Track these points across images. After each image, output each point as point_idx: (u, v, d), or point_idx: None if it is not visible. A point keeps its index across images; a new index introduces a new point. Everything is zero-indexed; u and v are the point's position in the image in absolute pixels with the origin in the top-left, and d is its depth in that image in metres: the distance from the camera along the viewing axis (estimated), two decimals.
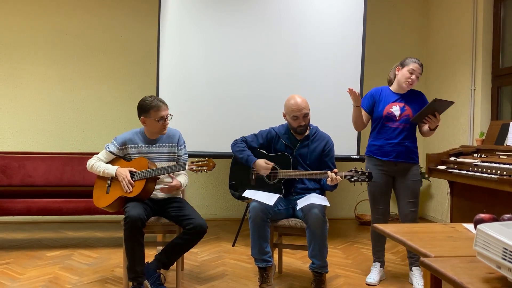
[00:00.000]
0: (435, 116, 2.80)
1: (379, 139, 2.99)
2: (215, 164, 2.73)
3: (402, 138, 2.93)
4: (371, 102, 3.03)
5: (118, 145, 2.85)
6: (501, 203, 3.05)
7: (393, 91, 3.01)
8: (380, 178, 2.99)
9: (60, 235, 4.19)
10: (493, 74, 4.17)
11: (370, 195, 3.07)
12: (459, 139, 4.47)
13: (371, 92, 3.06)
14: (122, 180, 2.71)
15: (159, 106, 2.78)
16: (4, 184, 3.81)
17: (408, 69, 2.91)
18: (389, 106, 2.94)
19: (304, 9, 4.01)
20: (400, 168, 2.96)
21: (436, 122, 2.83)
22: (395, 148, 2.93)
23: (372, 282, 2.97)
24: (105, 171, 2.78)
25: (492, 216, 1.50)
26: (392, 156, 2.94)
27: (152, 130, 2.83)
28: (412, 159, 2.97)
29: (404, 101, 2.95)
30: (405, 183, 2.96)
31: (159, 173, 2.73)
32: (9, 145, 4.64)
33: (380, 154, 2.98)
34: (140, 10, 4.84)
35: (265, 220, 2.68)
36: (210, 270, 3.25)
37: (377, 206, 3.04)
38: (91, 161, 2.85)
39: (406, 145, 2.93)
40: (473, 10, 4.28)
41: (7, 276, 3.01)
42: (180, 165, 2.75)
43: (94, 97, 4.79)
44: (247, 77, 4.02)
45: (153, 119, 2.78)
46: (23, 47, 4.66)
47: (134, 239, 2.56)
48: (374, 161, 3.02)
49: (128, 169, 2.75)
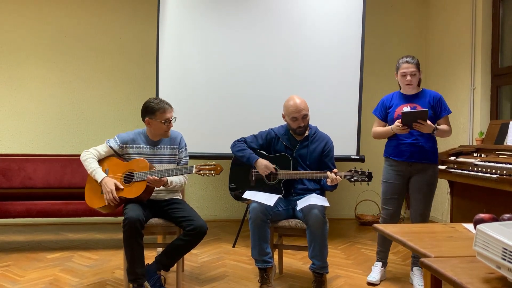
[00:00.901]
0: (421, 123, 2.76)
1: (393, 140, 2.99)
2: (222, 168, 2.73)
3: (415, 138, 2.90)
4: (384, 110, 3.04)
5: (120, 142, 2.84)
6: (501, 202, 3.05)
7: (403, 94, 3.01)
8: (393, 178, 2.97)
9: (60, 237, 4.19)
10: (493, 73, 4.17)
11: (382, 194, 3.07)
12: (458, 139, 4.47)
13: (382, 100, 3.08)
14: (106, 193, 2.65)
15: (165, 108, 2.77)
16: (4, 187, 3.80)
17: (400, 73, 2.93)
18: (400, 108, 2.93)
19: (303, 9, 4.01)
20: (415, 168, 2.92)
21: (426, 128, 2.77)
22: (409, 148, 2.90)
23: (373, 280, 2.97)
24: (93, 173, 2.73)
25: (492, 216, 1.50)
26: (406, 156, 2.91)
27: (156, 132, 2.82)
28: (428, 159, 2.91)
29: (414, 101, 2.94)
30: (419, 184, 2.92)
31: (164, 175, 2.71)
32: (9, 147, 4.64)
33: (395, 155, 2.97)
34: (139, 12, 4.84)
35: (265, 221, 2.68)
36: (210, 271, 3.25)
37: (386, 207, 3.03)
38: (87, 154, 2.80)
39: (421, 145, 2.89)
40: (472, 10, 4.28)
41: (8, 279, 3.01)
42: (187, 168, 2.73)
43: (94, 98, 4.79)
44: (246, 77, 4.02)
45: (158, 121, 2.77)
46: (23, 49, 4.66)
47: (133, 241, 2.55)
48: (389, 161, 3.02)
49: (114, 182, 2.68)
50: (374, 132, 3.09)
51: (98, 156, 2.83)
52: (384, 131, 3.00)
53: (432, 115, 2.87)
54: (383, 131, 3.01)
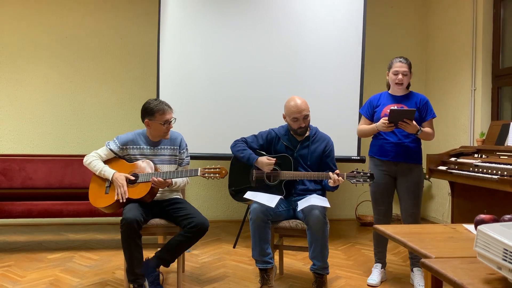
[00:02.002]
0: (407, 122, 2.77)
1: (379, 140, 3.01)
2: (227, 172, 2.75)
3: (401, 138, 2.93)
4: (371, 109, 3.06)
5: (119, 144, 2.84)
6: (501, 203, 3.05)
7: (391, 94, 3.03)
8: (381, 178, 2.99)
9: (61, 237, 4.19)
10: (493, 74, 4.16)
11: (372, 195, 3.08)
12: (459, 140, 4.47)
13: (370, 99, 3.09)
14: (118, 187, 2.68)
15: (164, 109, 2.77)
16: (5, 187, 3.81)
17: (392, 71, 2.94)
18: (387, 108, 2.94)
19: (304, 10, 4.01)
20: (401, 168, 2.96)
21: (410, 128, 2.78)
22: (394, 148, 2.93)
23: (373, 283, 2.97)
24: (102, 173, 2.75)
25: (493, 217, 1.50)
26: (391, 156, 2.94)
27: (156, 133, 2.82)
28: (413, 159, 2.95)
29: (402, 102, 2.96)
30: (407, 184, 2.95)
31: (169, 177, 2.72)
32: (9, 147, 4.64)
33: (380, 154, 3.00)
34: (140, 12, 4.84)
35: (265, 221, 2.68)
36: (211, 271, 3.25)
37: (378, 207, 3.05)
38: (89, 158, 2.82)
39: (406, 145, 2.92)
40: (472, 11, 4.28)
41: (8, 279, 3.01)
42: (192, 170, 2.74)
43: (95, 99, 4.80)
44: (247, 78, 4.02)
45: (157, 122, 2.77)
46: (24, 49, 4.66)
47: (131, 241, 2.55)
48: (374, 161, 3.04)
49: (125, 176, 2.72)
50: (359, 129, 3.12)
51: (100, 158, 2.84)
52: (369, 128, 3.01)
53: (417, 117, 2.89)
54: (368, 129, 3.02)
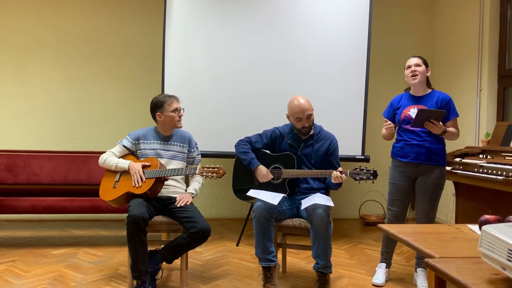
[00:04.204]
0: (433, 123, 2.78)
1: (400, 141, 3.01)
2: (225, 172, 2.80)
3: (421, 139, 2.90)
4: (392, 112, 3.08)
5: (132, 139, 2.94)
6: (506, 204, 3.04)
7: (411, 95, 3.02)
8: (400, 179, 2.98)
9: (65, 233, 4.22)
10: (499, 74, 4.14)
11: (388, 195, 3.08)
12: (464, 140, 4.45)
13: (391, 102, 3.11)
14: (133, 174, 2.76)
15: (171, 99, 2.93)
16: (10, 182, 3.83)
17: (406, 67, 3.00)
18: (407, 110, 2.95)
19: (309, 8, 4.01)
20: (421, 170, 2.92)
21: (436, 128, 2.79)
22: (414, 149, 2.91)
23: (379, 283, 2.96)
24: (118, 165, 2.85)
25: (497, 217, 1.49)
26: (412, 157, 2.92)
27: (170, 123, 2.92)
28: (434, 160, 2.90)
29: (421, 102, 2.95)
30: (425, 185, 2.91)
31: (169, 174, 2.77)
32: (15, 143, 4.67)
33: (401, 156, 2.98)
34: (146, 10, 4.85)
35: (269, 219, 2.68)
36: (214, 269, 3.25)
37: (392, 207, 3.04)
38: (104, 156, 2.92)
39: (427, 146, 2.89)
40: (479, 11, 4.26)
41: (13, 274, 3.03)
42: (190, 168, 2.81)
43: (100, 96, 4.81)
44: (252, 76, 4.02)
45: (169, 112, 2.88)
46: (29, 46, 4.68)
47: (136, 238, 2.58)
48: (396, 162, 3.03)
49: (142, 164, 2.81)
50: (382, 133, 3.14)
51: (114, 156, 2.93)
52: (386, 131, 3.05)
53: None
54: (386, 132, 3.06)
